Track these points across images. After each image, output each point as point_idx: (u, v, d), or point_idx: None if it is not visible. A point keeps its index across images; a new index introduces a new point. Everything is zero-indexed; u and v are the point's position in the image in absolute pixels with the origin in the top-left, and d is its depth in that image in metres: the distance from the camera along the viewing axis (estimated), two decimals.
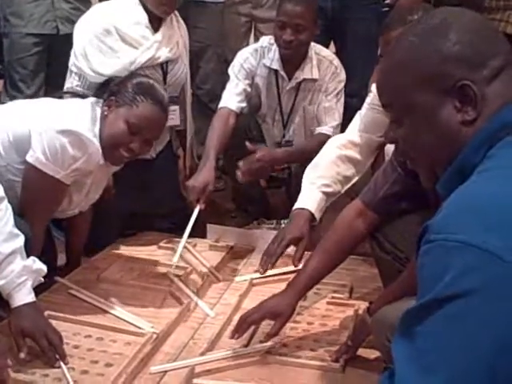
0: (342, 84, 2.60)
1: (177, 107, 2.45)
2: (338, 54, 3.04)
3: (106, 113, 1.99)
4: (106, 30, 2.27)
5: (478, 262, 0.75)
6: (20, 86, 2.67)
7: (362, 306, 1.94)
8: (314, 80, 2.57)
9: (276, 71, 2.57)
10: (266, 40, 2.60)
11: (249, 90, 2.57)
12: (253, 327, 1.78)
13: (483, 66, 0.92)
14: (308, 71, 2.55)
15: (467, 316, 0.75)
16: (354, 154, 2.11)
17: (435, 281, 0.77)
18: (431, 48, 0.94)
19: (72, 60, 2.30)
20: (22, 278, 1.61)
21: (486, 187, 0.82)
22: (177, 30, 2.42)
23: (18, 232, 1.65)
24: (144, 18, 2.31)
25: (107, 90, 2.07)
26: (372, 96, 2.15)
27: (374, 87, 2.08)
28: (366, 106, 2.18)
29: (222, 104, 2.54)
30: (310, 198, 2.05)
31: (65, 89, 2.30)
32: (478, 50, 0.93)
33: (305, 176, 2.11)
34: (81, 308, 1.97)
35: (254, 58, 2.58)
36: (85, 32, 2.29)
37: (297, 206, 2.06)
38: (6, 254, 1.59)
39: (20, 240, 1.64)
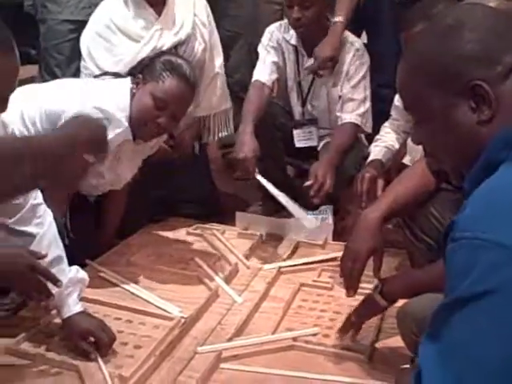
0: (365, 67, 2.55)
1: None
2: (369, 43, 3.03)
3: (134, 91, 2.03)
4: (107, 27, 2.30)
5: (505, 259, 0.75)
6: (55, 72, 2.69)
7: None
8: None
9: (296, 47, 2.56)
10: None
11: (278, 62, 2.57)
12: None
13: (497, 63, 0.91)
14: None
15: (494, 312, 0.75)
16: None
17: (461, 279, 0.77)
18: (444, 49, 0.94)
19: (81, 62, 2.34)
20: (68, 290, 1.63)
21: (511, 181, 0.81)
22: (182, 7, 2.39)
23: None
24: (143, 7, 2.32)
25: (138, 68, 2.10)
26: None
27: None
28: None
29: (254, 78, 2.54)
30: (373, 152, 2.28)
31: None
32: (491, 47, 0.92)
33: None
34: (111, 291, 2.01)
35: (279, 32, 2.58)
36: (88, 32, 2.34)
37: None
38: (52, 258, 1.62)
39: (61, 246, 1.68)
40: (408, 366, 1.36)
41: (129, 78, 2.08)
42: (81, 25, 2.61)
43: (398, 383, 1.38)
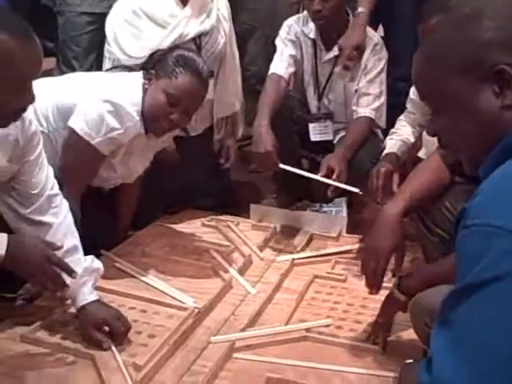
0: (383, 62, 2.55)
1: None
2: (386, 36, 3.01)
3: (146, 86, 2.02)
4: (134, 13, 2.31)
5: None
6: (73, 64, 2.71)
7: None
8: None
9: (314, 41, 2.57)
10: None
11: (296, 55, 2.57)
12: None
13: None
14: None
15: (505, 299, 0.75)
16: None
17: (472, 266, 0.78)
18: (464, 37, 0.94)
19: (106, 46, 2.35)
20: (82, 279, 1.65)
21: None
22: (207, 0, 2.41)
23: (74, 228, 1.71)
24: None
25: (151, 63, 2.11)
26: None
27: None
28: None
29: (271, 71, 2.54)
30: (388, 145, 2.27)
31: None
32: (511, 33, 0.92)
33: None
34: (125, 281, 2.03)
35: (297, 25, 2.58)
36: (115, 17, 2.34)
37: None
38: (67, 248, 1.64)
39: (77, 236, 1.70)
40: (412, 360, 1.36)
41: (141, 73, 2.08)
42: (99, 17, 2.62)
43: (402, 377, 1.38)
